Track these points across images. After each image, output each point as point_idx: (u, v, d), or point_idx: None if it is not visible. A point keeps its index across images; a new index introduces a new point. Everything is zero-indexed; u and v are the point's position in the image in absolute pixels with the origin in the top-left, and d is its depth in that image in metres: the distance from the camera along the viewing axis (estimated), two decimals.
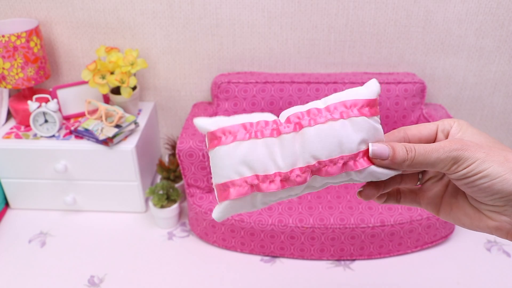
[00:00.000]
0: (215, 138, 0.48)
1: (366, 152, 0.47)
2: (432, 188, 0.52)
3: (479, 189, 0.44)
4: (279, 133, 0.47)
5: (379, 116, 0.48)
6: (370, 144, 0.46)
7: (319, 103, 0.48)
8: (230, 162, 0.47)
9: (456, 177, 0.44)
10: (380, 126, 0.48)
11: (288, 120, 0.47)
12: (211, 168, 0.52)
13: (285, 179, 0.46)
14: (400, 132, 0.50)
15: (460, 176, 0.44)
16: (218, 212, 0.48)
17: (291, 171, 0.46)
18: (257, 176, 0.46)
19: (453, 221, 0.49)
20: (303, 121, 0.47)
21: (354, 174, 0.47)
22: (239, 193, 0.46)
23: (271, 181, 0.46)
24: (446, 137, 0.48)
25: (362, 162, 0.46)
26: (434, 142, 0.48)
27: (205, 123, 0.48)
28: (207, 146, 0.48)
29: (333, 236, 1.37)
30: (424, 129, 0.49)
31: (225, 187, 0.47)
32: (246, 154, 0.46)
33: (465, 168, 0.43)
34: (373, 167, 0.47)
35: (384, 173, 0.47)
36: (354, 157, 0.46)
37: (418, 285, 1.35)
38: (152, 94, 1.78)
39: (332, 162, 0.46)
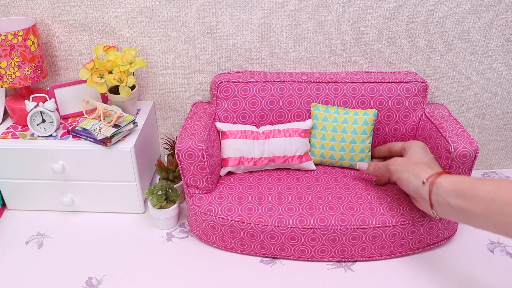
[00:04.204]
0: (225, 134, 1.15)
1: (300, 156, 1.23)
2: None
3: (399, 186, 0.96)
4: (257, 138, 1.05)
5: (309, 137, 1.19)
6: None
7: (281, 126, 1.25)
8: (231, 148, 1.11)
9: (392, 181, 0.83)
10: (307, 142, 1.28)
11: (263, 132, 1.19)
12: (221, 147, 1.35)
13: (256, 162, 1.14)
14: (386, 147, 1.08)
15: (393, 180, 0.80)
16: (223, 170, 1.23)
17: (259, 158, 1.19)
18: (242, 157, 1.18)
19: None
20: (271, 134, 1.18)
21: (292, 165, 1.25)
22: (232, 164, 1.23)
23: (249, 161, 1.16)
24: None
25: (295, 160, 1.23)
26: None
27: (221, 127, 1.30)
28: (220, 137, 1.17)
29: (334, 237, 1.35)
30: (393, 146, 1.15)
31: (227, 160, 1.25)
32: (239, 145, 1.10)
33: (393, 176, 0.84)
34: (302, 164, 1.27)
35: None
36: (291, 157, 1.27)
37: (420, 287, 1.33)
38: (151, 93, 1.77)
39: (280, 158, 1.19)
